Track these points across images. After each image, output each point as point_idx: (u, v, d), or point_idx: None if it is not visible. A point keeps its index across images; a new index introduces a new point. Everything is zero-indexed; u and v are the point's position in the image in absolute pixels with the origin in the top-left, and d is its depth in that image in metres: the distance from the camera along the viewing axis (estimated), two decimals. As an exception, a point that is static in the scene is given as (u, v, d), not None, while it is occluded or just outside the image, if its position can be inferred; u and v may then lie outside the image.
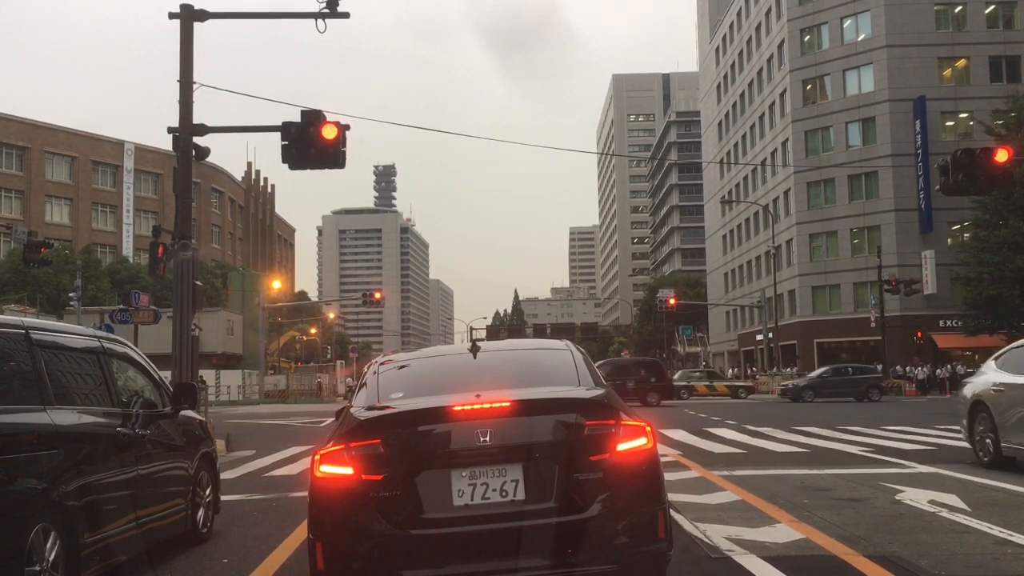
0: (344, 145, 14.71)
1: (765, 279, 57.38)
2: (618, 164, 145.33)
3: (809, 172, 59.18)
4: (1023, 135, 38.41)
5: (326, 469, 4.24)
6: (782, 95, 62.92)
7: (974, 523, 7.04)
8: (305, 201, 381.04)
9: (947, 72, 55.85)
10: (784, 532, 6.81)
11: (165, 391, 7.02)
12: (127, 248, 72.55)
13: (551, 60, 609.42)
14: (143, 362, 6.96)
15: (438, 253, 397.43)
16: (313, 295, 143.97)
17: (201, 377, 18.71)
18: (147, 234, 38.89)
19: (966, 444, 11.72)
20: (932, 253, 53.00)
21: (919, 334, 50.80)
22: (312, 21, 15.13)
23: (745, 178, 72.76)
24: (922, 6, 55.80)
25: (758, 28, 68.74)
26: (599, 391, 4.78)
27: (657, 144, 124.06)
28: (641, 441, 4.32)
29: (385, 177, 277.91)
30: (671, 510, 5.99)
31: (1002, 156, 16.30)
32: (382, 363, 5.57)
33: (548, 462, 4.18)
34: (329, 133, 14.45)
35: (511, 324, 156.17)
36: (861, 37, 57.32)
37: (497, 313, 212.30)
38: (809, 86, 60.30)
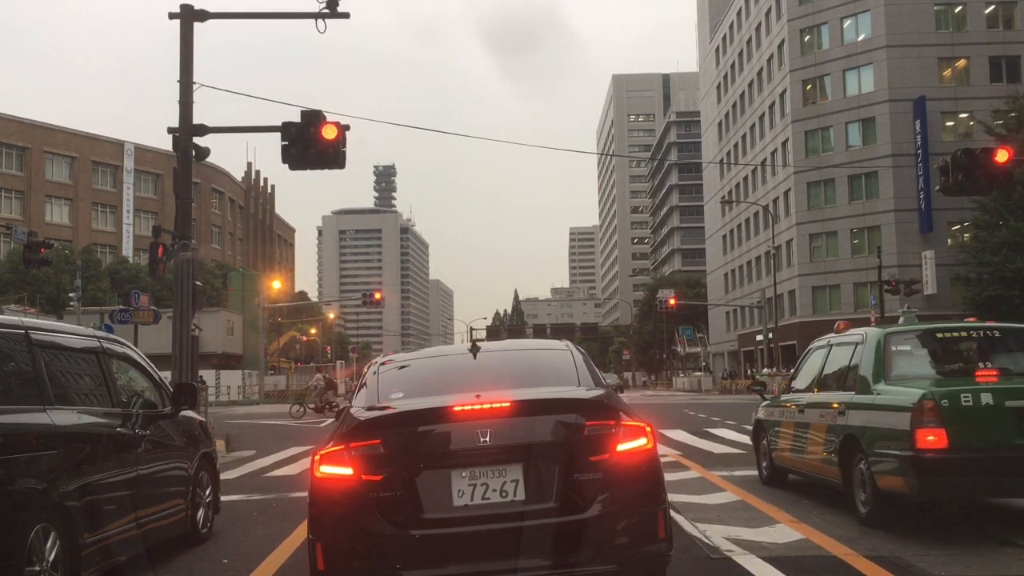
0: (344, 145, 14.70)
1: (765, 279, 57.37)
2: (618, 164, 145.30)
3: (809, 172, 59.16)
4: (1023, 135, 38.40)
5: (326, 469, 4.25)
6: (782, 95, 62.90)
7: (974, 523, 7.04)
8: (305, 201, 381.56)
9: (947, 72, 55.82)
10: (784, 532, 6.81)
11: (165, 391, 7.02)
12: (127, 248, 72.52)
13: (551, 60, 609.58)
14: (143, 362, 6.97)
15: (438, 253, 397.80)
16: (313, 295, 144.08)
17: (201, 377, 18.70)
18: (147, 234, 38.88)
19: None
20: (932, 253, 52.99)
21: (919, 334, 50.70)
22: (312, 21, 15.13)
23: (745, 178, 72.73)
24: (922, 6, 55.77)
25: (758, 28, 68.71)
26: (599, 391, 4.78)
27: (657, 144, 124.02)
28: (641, 441, 4.32)
29: (385, 177, 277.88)
30: (671, 510, 6.00)
31: (1002, 156, 16.28)
32: (382, 363, 5.58)
33: (548, 462, 4.18)
34: (329, 133, 14.44)
35: (511, 324, 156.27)
36: (861, 37, 57.29)
37: (497, 313, 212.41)
38: (809, 86, 60.28)
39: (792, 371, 10.30)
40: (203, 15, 15.76)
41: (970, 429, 6.33)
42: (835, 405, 7.76)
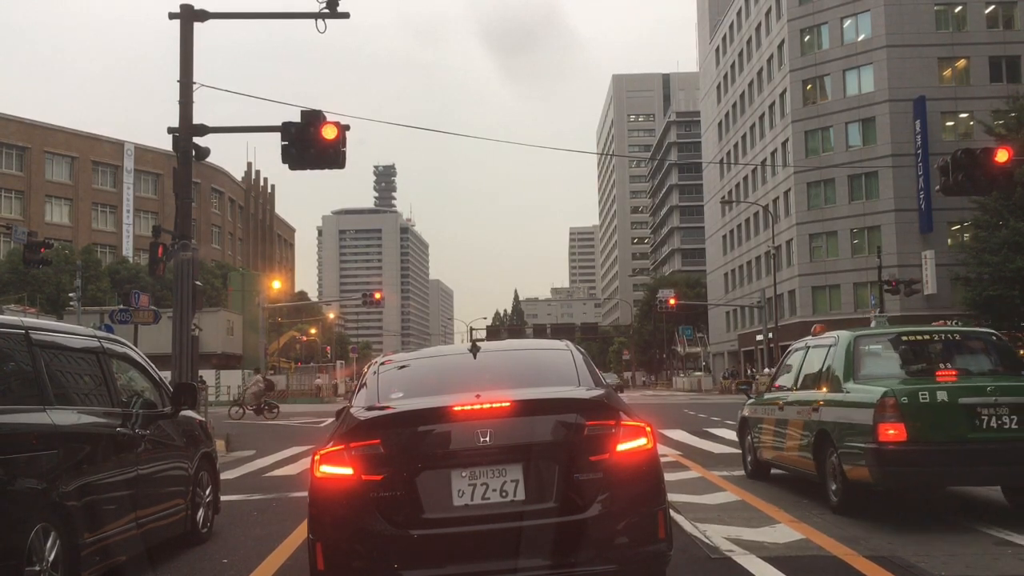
0: (344, 145, 14.70)
1: (765, 279, 57.36)
2: (618, 164, 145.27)
3: (809, 172, 59.15)
4: (1023, 135, 38.37)
5: (326, 469, 4.25)
6: (782, 95, 62.89)
7: (974, 523, 7.04)
8: (305, 201, 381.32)
9: (947, 72, 55.81)
10: (784, 532, 6.81)
11: (165, 391, 7.02)
12: (127, 248, 72.49)
13: (551, 61, 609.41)
14: (143, 362, 6.97)
15: (438, 253, 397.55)
16: (313, 295, 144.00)
17: (201, 377, 18.70)
18: (147, 234, 38.82)
19: None
20: (932, 253, 52.98)
21: (919, 334, 50.60)
22: (312, 21, 15.13)
23: (745, 178, 72.73)
24: (922, 6, 55.76)
25: (758, 28, 68.70)
26: (599, 391, 4.78)
27: (657, 144, 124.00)
28: (641, 441, 4.32)
29: (385, 177, 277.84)
30: (671, 510, 6.00)
31: (1002, 156, 16.28)
32: (382, 363, 5.58)
33: (548, 462, 4.18)
34: (329, 133, 14.44)
35: (511, 324, 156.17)
36: (861, 37, 57.28)
37: (497, 313, 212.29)
38: (809, 86, 60.26)
39: (774, 372, 10.87)
40: (203, 15, 15.76)
41: (927, 424, 6.92)
42: (810, 403, 8.41)
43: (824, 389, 8.22)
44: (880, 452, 6.93)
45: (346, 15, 15.18)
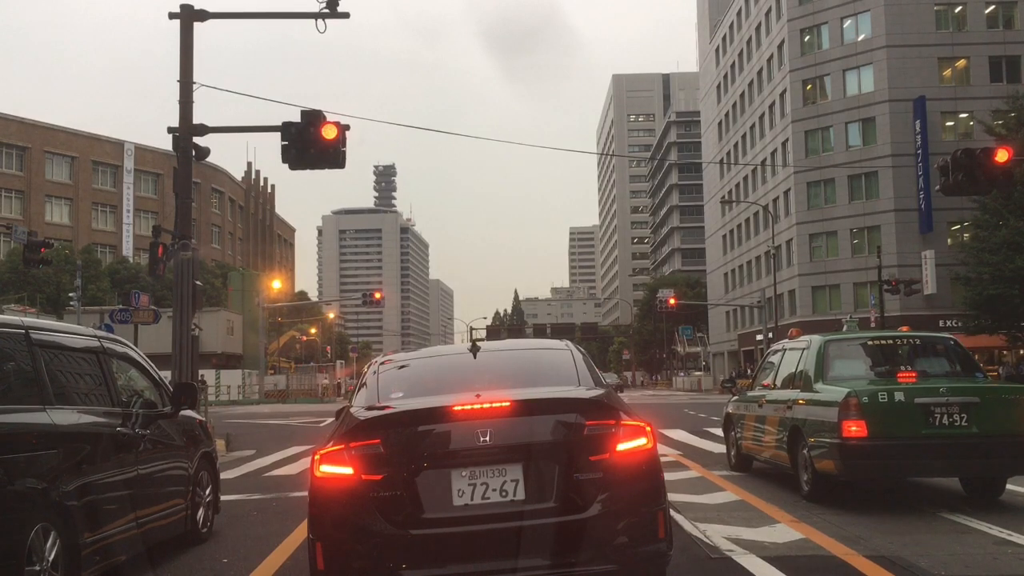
0: (344, 145, 14.69)
1: (765, 279, 57.36)
2: (618, 164, 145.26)
3: (809, 172, 59.14)
4: (1023, 135, 38.35)
5: (326, 469, 4.25)
6: (782, 95, 62.87)
7: (974, 523, 7.04)
8: (305, 201, 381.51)
9: (947, 72, 55.79)
10: (784, 532, 6.81)
11: (165, 391, 7.02)
12: (127, 248, 72.49)
13: (552, 61, 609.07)
14: (143, 362, 6.97)
15: (438, 253, 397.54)
16: (313, 295, 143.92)
17: (201, 377, 18.69)
18: (147, 234, 38.78)
19: None
20: (932, 253, 52.97)
21: (919, 334, 50.56)
22: (312, 21, 15.13)
23: (745, 178, 72.71)
24: (922, 6, 55.75)
25: (758, 28, 68.69)
26: (599, 391, 4.79)
27: (657, 144, 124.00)
28: (641, 441, 4.32)
29: (385, 177, 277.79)
30: (671, 510, 6.00)
31: (1002, 156, 16.26)
32: (382, 363, 5.58)
33: (548, 462, 4.18)
34: (329, 133, 14.43)
35: (511, 324, 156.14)
36: (861, 37, 57.26)
37: (497, 313, 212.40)
38: (809, 86, 60.24)
39: (755, 371, 11.55)
40: (203, 15, 15.76)
41: (886, 421, 7.59)
42: (785, 401, 9.12)
43: (797, 389, 8.91)
44: (844, 447, 7.60)
45: (346, 15, 15.18)
